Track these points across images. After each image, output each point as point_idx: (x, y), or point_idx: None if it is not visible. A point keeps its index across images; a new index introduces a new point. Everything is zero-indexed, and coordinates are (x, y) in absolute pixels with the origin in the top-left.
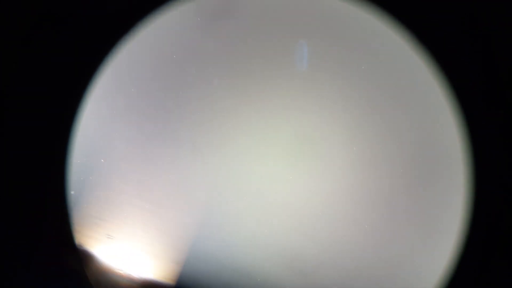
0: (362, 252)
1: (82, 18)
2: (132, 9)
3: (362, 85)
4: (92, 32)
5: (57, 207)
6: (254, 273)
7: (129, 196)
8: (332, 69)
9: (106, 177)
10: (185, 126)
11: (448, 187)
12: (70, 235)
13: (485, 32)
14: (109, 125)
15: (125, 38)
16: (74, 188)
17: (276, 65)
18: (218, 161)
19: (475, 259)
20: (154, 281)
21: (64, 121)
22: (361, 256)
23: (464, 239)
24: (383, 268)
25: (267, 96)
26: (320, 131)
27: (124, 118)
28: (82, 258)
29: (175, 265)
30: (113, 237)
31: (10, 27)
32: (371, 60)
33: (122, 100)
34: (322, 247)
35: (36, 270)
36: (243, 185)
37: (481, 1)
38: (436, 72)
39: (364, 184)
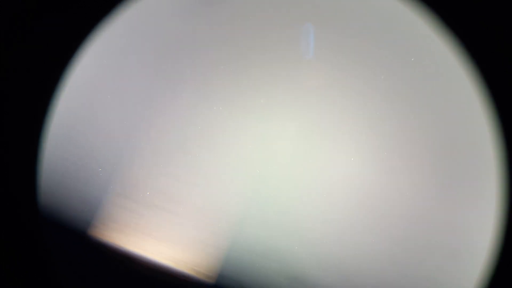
0: (389, 260)
1: None
2: None
3: (381, 77)
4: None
5: None
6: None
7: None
8: (343, 57)
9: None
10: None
11: (481, 187)
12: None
13: None
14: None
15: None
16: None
17: (280, 52)
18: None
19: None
20: (191, 277)
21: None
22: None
23: (500, 243)
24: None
25: (270, 87)
26: (330, 128)
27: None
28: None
29: (214, 260)
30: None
31: None
32: (390, 49)
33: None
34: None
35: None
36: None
37: None
38: (469, 67)
39: (390, 187)
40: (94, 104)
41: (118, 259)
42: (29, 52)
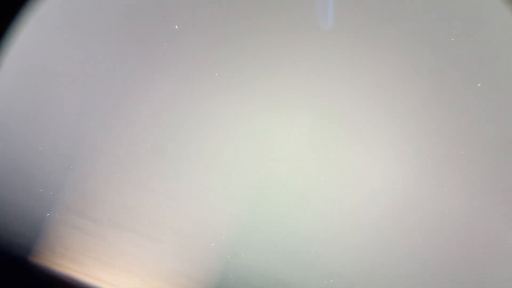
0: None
1: None
2: None
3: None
4: None
5: None
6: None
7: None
8: (369, 25)
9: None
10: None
11: None
12: None
13: None
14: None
15: None
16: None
17: (292, 20)
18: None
19: None
20: None
21: None
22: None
23: None
24: None
25: (281, 60)
26: (359, 124)
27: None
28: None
29: None
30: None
31: None
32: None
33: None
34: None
35: None
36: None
37: None
38: None
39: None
40: (38, 88)
41: None
42: None
